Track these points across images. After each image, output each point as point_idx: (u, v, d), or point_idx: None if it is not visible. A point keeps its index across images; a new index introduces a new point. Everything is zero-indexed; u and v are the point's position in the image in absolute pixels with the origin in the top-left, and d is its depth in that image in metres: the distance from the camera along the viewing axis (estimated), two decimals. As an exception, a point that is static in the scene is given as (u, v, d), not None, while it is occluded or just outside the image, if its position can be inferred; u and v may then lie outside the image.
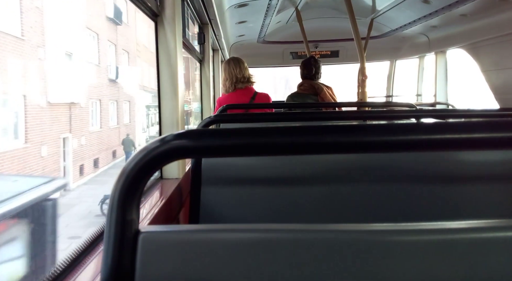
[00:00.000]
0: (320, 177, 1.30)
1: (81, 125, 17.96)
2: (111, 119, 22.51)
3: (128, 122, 25.53)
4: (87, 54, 19.02)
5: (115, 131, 22.76)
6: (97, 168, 19.10)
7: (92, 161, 18.72)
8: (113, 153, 21.96)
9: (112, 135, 22.13)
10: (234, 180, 1.34)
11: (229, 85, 3.10)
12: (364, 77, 3.87)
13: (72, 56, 17.38)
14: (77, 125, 17.40)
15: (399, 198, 1.25)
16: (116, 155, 22.17)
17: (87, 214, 13.46)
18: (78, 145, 17.29)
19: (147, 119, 32.46)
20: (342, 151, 0.51)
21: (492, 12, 3.64)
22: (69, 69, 16.77)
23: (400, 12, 4.45)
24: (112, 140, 22.01)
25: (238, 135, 0.49)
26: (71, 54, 17.25)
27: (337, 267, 0.54)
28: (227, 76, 3.11)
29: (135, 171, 0.50)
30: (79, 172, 16.99)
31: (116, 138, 22.57)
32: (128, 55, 26.44)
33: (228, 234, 0.57)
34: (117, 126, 23.46)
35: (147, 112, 32.22)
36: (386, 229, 0.55)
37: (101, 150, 20.14)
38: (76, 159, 16.80)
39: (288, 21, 5.39)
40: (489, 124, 0.49)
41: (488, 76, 4.13)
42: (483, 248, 0.53)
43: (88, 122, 18.97)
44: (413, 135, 0.49)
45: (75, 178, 16.50)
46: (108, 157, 21.01)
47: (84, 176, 17.42)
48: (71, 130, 16.74)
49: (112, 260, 0.52)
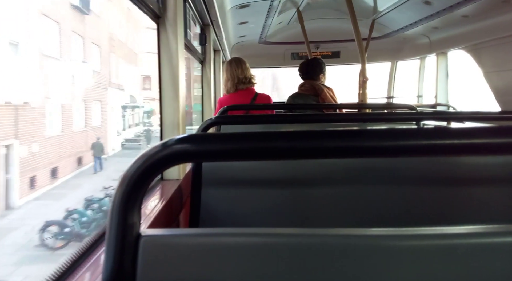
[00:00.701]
0: (321, 180, 1.30)
1: (33, 130, 15.19)
2: (76, 122, 19.87)
3: (99, 124, 22.83)
4: (43, 46, 16.24)
5: (81, 135, 20.10)
6: (56, 178, 16.53)
7: (49, 171, 16.14)
8: (79, 160, 19.41)
9: (77, 140, 19.42)
10: (235, 182, 1.34)
11: (231, 86, 3.10)
12: (365, 79, 3.86)
13: (19, 46, 14.71)
14: (27, 129, 14.68)
15: (400, 201, 1.25)
16: (83, 161, 19.64)
17: (26, 243, 10.50)
18: (29, 153, 14.64)
19: (124, 121, 30.57)
20: (343, 156, 0.51)
21: (494, 14, 3.63)
22: (16, 62, 14.22)
23: (401, 13, 4.45)
24: (77, 145, 19.28)
25: (239, 140, 0.49)
26: (17, 45, 14.60)
27: (337, 271, 0.54)
28: (229, 77, 3.11)
29: (136, 175, 0.50)
30: (28, 185, 14.43)
31: (83, 143, 19.95)
32: (100, 50, 23.71)
33: (228, 238, 0.57)
34: (84, 129, 20.81)
35: (123, 113, 30.33)
36: (386, 234, 0.55)
37: (61, 157, 17.41)
38: (25, 170, 14.16)
39: (290, 22, 5.39)
40: (491, 130, 0.49)
41: (490, 78, 4.12)
42: (482, 253, 0.53)
43: (43, 125, 16.15)
44: (414, 141, 0.49)
45: (23, 193, 13.94)
46: (71, 165, 18.42)
47: (36, 189, 14.85)
48: (17, 135, 14.05)
49: (113, 264, 0.52)
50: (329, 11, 5.16)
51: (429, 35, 5.25)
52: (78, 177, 18.06)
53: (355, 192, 1.27)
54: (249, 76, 3.11)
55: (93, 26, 22.04)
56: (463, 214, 1.24)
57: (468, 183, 1.26)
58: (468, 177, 1.27)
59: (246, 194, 1.33)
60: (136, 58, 34.20)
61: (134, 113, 34.17)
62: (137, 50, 34.69)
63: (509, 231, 0.55)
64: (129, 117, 32.68)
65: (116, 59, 27.36)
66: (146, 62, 36.78)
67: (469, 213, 1.24)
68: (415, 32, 5.10)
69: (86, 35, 21.30)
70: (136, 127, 33.37)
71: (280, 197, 1.29)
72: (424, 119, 1.77)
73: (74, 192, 15.42)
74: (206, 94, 4.26)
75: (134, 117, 34.32)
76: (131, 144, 28.12)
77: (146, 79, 36.14)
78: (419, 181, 1.27)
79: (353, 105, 3.57)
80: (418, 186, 1.26)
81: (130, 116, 32.78)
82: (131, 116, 33.33)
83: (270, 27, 5.10)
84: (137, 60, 34.84)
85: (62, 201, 13.78)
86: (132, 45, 33.27)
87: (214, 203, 1.34)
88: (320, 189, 1.29)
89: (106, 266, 0.52)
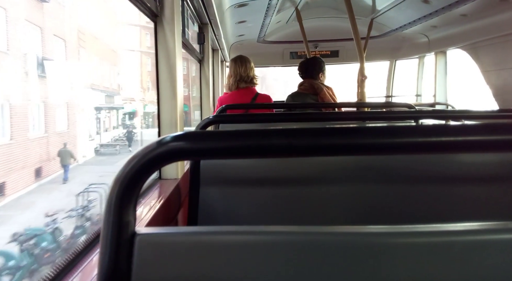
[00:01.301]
0: (319, 178, 1.29)
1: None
2: (33, 127, 16.94)
3: (64, 129, 19.99)
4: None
5: (40, 143, 17.15)
6: (1, 196, 13.84)
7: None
8: (37, 171, 16.45)
9: (33, 148, 16.48)
10: (233, 180, 1.34)
11: (232, 83, 3.09)
12: (364, 77, 3.86)
13: None
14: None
15: (397, 199, 1.25)
16: (42, 173, 16.69)
17: None
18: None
19: (99, 124, 28.21)
20: (341, 153, 0.51)
21: (492, 12, 3.63)
22: None
23: (400, 12, 4.45)
24: (34, 154, 16.40)
25: (235, 137, 0.49)
26: None
27: (335, 269, 0.54)
28: (232, 74, 3.11)
29: (132, 172, 0.49)
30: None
31: (43, 151, 17.23)
32: (65, 44, 20.71)
33: (224, 236, 0.56)
34: (45, 135, 17.88)
35: (98, 115, 27.99)
36: (383, 231, 0.55)
37: (10, 171, 14.34)
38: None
39: (288, 21, 5.38)
40: (487, 127, 0.49)
41: (488, 77, 4.13)
42: (479, 250, 0.53)
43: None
44: (412, 138, 0.49)
45: None
46: (23, 179, 15.26)
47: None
48: None
49: (108, 263, 0.52)
50: (327, 10, 5.16)
51: (427, 34, 5.25)
52: (34, 192, 15.15)
53: (353, 190, 1.27)
54: (251, 76, 3.11)
55: (56, 17, 19.05)
56: (460, 212, 1.24)
57: (465, 180, 1.26)
58: (464, 175, 1.27)
59: (244, 192, 1.33)
60: (114, 56, 31.74)
61: (112, 115, 32.17)
62: (116, 47, 32.12)
63: (505, 228, 0.55)
64: (106, 120, 30.39)
65: (87, 55, 24.65)
66: (127, 61, 34.71)
67: (466, 211, 1.24)
68: (414, 31, 5.11)
69: (46, 26, 18.24)
70: (115, 131, 31.40)
71: (278, 195, 1.29)
72: (422, 117, 1.77)
73: (21, 214, 12.77)
74: (205, 94, 4.26)
75: (112, 120, 32.24)
76: (107, 149, 25.99)
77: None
78: (417, 179, 1.27)
79: (352, 104, 3.58)
80: (415, 184, 1.26)
81: (106, 119, 30.58)
82: (108, 118, 31.21)
83: (268, 26, 5.10)
84: (116, 58, 32.42)
85: (5, 226, 11.10)
86: (110, 42, 30.77)
87: (212, 202, 1.34)
88: (317, 187, 1.28)
89: (101, 264, 0.52)
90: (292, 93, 3.48)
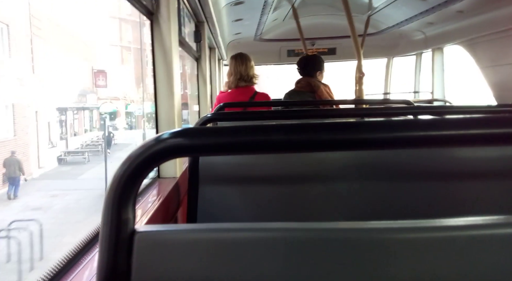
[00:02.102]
0: (318, 175, 1.29)
1: None
2: None
3: (10, 135, 16.73)
4: None
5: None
6: None
7: None
8: None
9: None
10: (232, 178, 1.34)
11: (232, 81, 3.06)
12: (361, 75, 3.86)
13: None
14: None
15: (398, 195, 1.25)
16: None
17: None
18: None
19: (64, 127, 24.60)
20: (340, 148, 0.50)
21: (488, 8, 3.64)
22: None
23: (396, 9, 4.45)
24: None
25: (234, 133, 0.49)
26: None
27: (335, 265, 0.53)
28: (232, 71, 3.07)
29: (130, 169, 0.49)
30: None
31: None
32: (8, 31, 17.01)
33: (224, 233, 0.56)
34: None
35: (62, 117, 24.41)
36: (383, 227, 0.55)
37: None
38: None
39: (285, 18, 5.38)
40: (486, 121, 0.49)
41: (486, 73, 4.13)
42: (481, 245, 0.53)
43: None
44: (410, 132, 0.48)
45: None
46: None
47: None
48: None
49: (107, 260, 0.52)
50: (324, 7, 5.16)
51: (424, 31, 5.25)
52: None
53: (352, 187, 1.27)
54: (251, 75, 3.09)
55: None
56: (461, 207, 1.24)
57: (465, 176, 1.27)
58: (464, 170, 1.27)
59: (243, 190, 1.32)
60: (85, 48, 27.92)
61: (83, 117, 28.63)
62: (90, 39, 28.64)
63: (506, 222, 0.55)
64: (75, 122, 26.92)
65: (43, 46, 20.93)
66: (103, 55, 30.54)
67: (467, 206, 1.24)
68: (411, 28, 5.11)
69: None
70: (88, 134, 28.14)
71: (277, 193, 1.29)
72: (420, 113, 1.77)
73: None
74: (202, 92, 4.25)
75: (84, 122, 28.80)
76: (73, 158, 21.93)
77: (98, 75, 29.28)
78: (417, 174, 1.27)
79: (350, 101, 3.58)
80: (415, 180, 1.26)
81: (76, 121, 26.99)
82: (78, 120, 27.58)
83: (265, 24, 5.09)
84: (88, 51, 28.45)
85: None
86: (80, 33, 27.12)
87: (211, 200, 1.34)
88: (317, 183, 1.28)
89: (100, 263, 0.52)
90: (289, 92, 3.46)
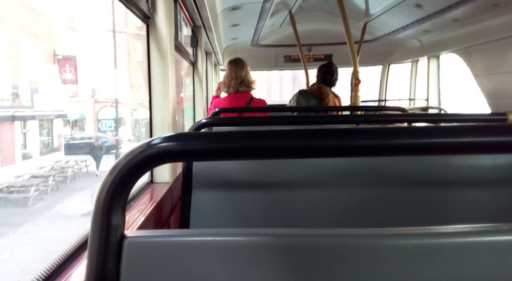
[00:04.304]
0: (311, 182, 1.29)
1: None
2: None
3: None
4: None
5: None
6: None
7: None
8: None
9: None
10: (225, 184, 1.33)
11: (234, 85, 3.01)
12: (357, 81, 3.88)
13: None
14: None
15: (390, 202, 1.25)
16: None
17: None
18: None
19: None
20: (332, 155, 0.50)
21: (484, 17, 3.67)
22: None
23: (393, 16, 4.48)
24: None
25: (226, 138, 0.48)
26: None
27: (325, 271, 0.54)
28: (233, 76, 3.02)
29: (120, 174, 0.49)
30: None
31: None
32: None
33: (213, 238, 0.56)
34: None
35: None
36: (374, 234, 0.55)
37: None
38: None
39: (282, 24, 5.40)
40: (478, 129, 0.49)
41: (480, 81, 4.16)
42: (470, 252, 0.54)
43: None
44: (404, 139, 0.48)
45: None
46: None
47: None
48: None
49: (96, 266, 0.51)
50: (321, 13, 5.18)
51: (420, 39, 5.29)
52: None
53: (345, 194, 1.26)
54: (250, 80, 3.09)
55: None
56: (453, 215, 1.24)
57: (458, 184, 1.27)
58: (457, 178, 1.27)
59: (236, 196, 1.32)
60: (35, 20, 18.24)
61: (29, 131, 17.67)
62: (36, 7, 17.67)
63: (495, 230, 0.55)
64: (15, 138, 16.63)
65: None
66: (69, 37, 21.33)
67: (459, 214, 1.24)
68: (407, 35, 5.14)
69: None
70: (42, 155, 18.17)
71: (271, 199, 1.29)
72: (415, 121, 1.78)
73: None
74: (198, 97, 4.25)
75: (30, 137, 17.82)
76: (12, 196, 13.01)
77: (64, 63, 20.04)
78: (408, 182, 1.26)
79: (345, 108, 3.61)
80: (407, 187, 1.26)
81: (17, 136, 16.84)
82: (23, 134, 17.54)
83: (262, 29, 5.11)
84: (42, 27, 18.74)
85: None
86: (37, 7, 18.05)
87: (204, 205, 1.33)
88: (310, 190, 1.28)
89: (89, 268, 0.51)
90: (300, 90, 3.72)
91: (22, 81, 17.99)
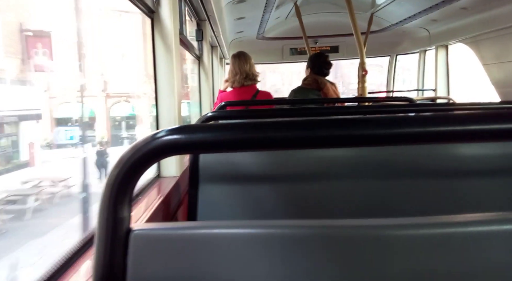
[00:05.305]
0: (319, 173, 1.28)
1: None
2: None
3: None
4: None
5: None
6: None
7: None
8: None
9: None
10: (232, 176, 1.33)
11: (239, 79, 3.00)
12: (364, 72, 3.85)
13: None
14: None
15: (398, 193, 1.24)
16: None
17: None
18: None
19: None
20: (339, 145, 0.50)
21: (492, 5, 3.61)
22: None
23: (400, 6, 4.42)
24: None
25: (230, 130, 0.48)
26: None
27: (335, 262, 0.54)
28: (238, 71, 3.02)
29: (126, 168, 0.49)
30: None
31: None
32: None
33: (221, 231, 0.56)
34: None
35: None
36: (383, 224, 0.55)
37: None
38: None
39: (287, 16, 5.37)
40: (486, 116, 0.48)
41: (489, 70, 4.11)
42: (479, 241, 0.54)
43: None
44: (412, 128, 0.48)
45: None
46: None
47: None
48: None
49: (103, 259, 0.52)
50: (327, 5, 5.14)
51: (428, 28, 5.23)
52: None
53: (353, 184, 1.26)
54: (255, 74, 3.08)
55: None
56: (462, 204, 1.24)
57: (466, 173, 1.26)
58: (466, 168, 1.26)
59: (244, 188, 1.32)
60: None
61: None
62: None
63: (504, 219, 0.55)
64: None
65: None
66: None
67: (468, 203, 1.24)
68: (414, 25, 5.08)
69: None
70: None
71: (278, 190, 1.29)
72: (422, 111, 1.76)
73: None
74: (204, 91, 4.25)
75: None
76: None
77: (35, 42, 13.80)
78: (417, 172, 1.26)
79: (352, 99, 3.58)
80: (416, 177, 1.25)
81: None
82: None
83: (267, 22, 5.08)
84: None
85: None
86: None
87: (212, 198, 1.33)
88: (317, 181, 1.28)
89: (96, 261, 0.52)
90: (294, 89, 3.49)
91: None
